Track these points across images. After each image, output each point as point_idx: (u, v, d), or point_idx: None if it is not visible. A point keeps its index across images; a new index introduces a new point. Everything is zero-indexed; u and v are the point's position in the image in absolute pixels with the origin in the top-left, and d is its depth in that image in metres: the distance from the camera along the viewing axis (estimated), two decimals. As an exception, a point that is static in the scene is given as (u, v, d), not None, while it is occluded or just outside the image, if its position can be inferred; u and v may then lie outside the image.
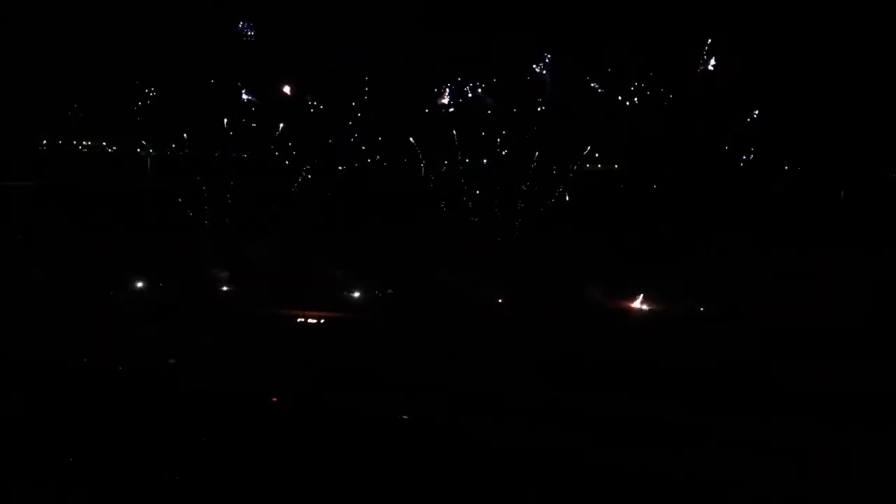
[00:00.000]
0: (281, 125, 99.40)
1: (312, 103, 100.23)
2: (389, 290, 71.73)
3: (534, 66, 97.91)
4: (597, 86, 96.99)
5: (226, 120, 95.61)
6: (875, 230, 77.39)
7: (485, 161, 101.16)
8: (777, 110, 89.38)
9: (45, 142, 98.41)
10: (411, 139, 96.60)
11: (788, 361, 52.06)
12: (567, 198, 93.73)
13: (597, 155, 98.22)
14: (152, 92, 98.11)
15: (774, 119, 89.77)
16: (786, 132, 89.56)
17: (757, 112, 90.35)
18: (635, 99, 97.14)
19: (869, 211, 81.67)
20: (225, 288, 71.16)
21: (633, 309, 66.37)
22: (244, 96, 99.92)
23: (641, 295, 67.04)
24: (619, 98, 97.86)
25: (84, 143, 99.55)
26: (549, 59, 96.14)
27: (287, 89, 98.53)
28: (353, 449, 40.17)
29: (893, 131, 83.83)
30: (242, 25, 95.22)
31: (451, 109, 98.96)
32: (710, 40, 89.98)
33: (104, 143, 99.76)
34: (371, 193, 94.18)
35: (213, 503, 36.00)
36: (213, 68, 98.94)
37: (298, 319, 62.72)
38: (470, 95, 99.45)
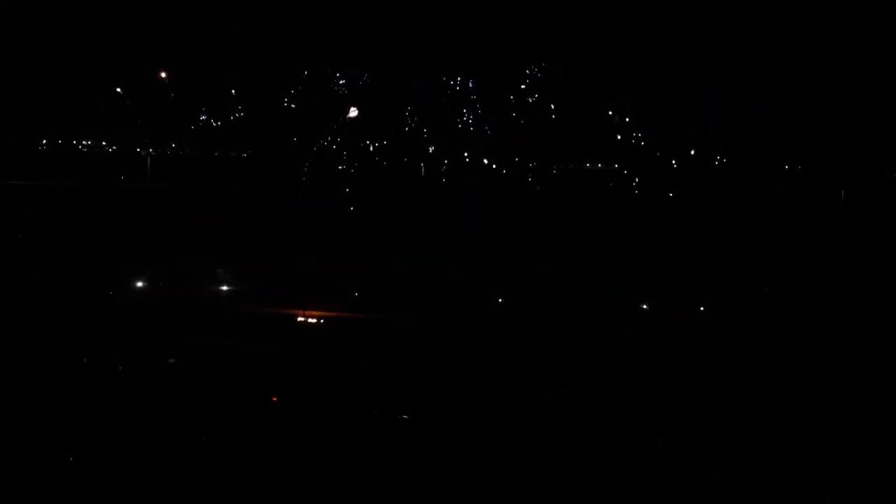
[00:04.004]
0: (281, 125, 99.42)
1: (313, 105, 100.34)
2: (389, 290, 71.62)
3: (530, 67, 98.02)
4: (592, 85, 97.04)
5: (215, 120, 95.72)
6: (875, 230, 77.45)
7: (485, 161, 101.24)
8: (777, 111, 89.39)
9: (44, 142, 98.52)
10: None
11: (789, 361, 52.02)
12: (568, 196, 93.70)
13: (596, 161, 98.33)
14: (154, 92, 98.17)
15: (775, 120, 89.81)
16: (786, 133, 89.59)
17: (757, 113, 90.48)
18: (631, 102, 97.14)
19: (869, 211, 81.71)
20: (224, 287, 71.15)
21: (634, 308, 66.33)
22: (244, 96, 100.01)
23: (641, 294, 67.02)
24: (617, 100, 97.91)
25: (84, 142, 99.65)
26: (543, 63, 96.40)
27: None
28: (352, 449, 40.14)
29: (893, 131, 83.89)
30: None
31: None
32: (711, 41, 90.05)
33: (104, 143, 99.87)
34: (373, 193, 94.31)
35: (213, 503, 35.97)
36: (211, 69, 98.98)
37: (298, 319, 62.64)
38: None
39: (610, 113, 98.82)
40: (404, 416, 44.55)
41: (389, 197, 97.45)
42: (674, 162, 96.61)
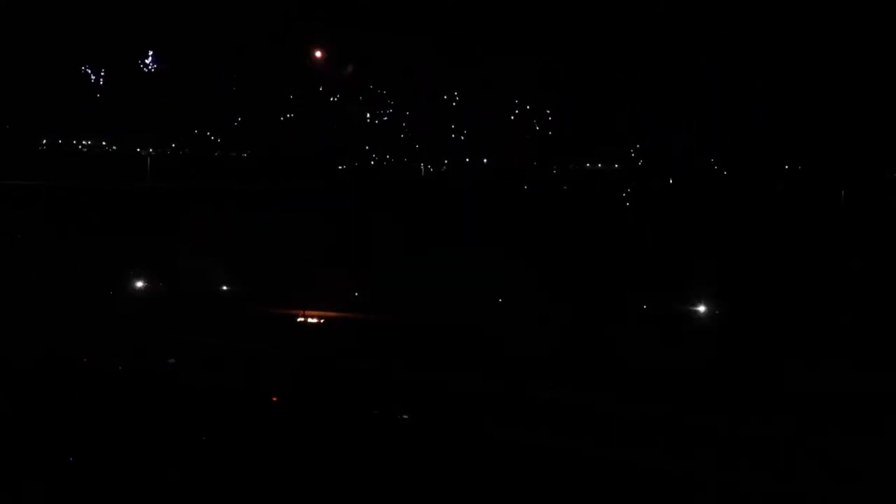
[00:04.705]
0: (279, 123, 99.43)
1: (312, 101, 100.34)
2: (389, 290, 71.62)
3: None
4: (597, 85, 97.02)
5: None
6: (875, 230, 77.47)
7: (485, 161, 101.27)
8: (777, 111, 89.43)
9: (45, 142, 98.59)
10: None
11: (788, 362, 52.02)
12: (568, 196, 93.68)
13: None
14: (154, 91, 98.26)
15: (775, 120, 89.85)
16: (786, 133, 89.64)
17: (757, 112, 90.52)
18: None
19: (869, 211, 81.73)
20: (224, 287, 71.19)
21: (634, 308, 66.34)
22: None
23: (641, 295, 67.00)
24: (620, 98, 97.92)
25: (84, 142, 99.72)
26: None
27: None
28: (352, 449, 40.14)
29: (893, 131, 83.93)
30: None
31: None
32: (711, 41, 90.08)
33: (104, 143, 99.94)
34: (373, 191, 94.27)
35: (212, 503, 35.98)
36: (211, 69, 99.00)
37: (298, 319, 62.66)
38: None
39: (610, 113, 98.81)
40: (404, 416, 44.53)
41: (389, 197, 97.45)
42: (673, 162, 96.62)
